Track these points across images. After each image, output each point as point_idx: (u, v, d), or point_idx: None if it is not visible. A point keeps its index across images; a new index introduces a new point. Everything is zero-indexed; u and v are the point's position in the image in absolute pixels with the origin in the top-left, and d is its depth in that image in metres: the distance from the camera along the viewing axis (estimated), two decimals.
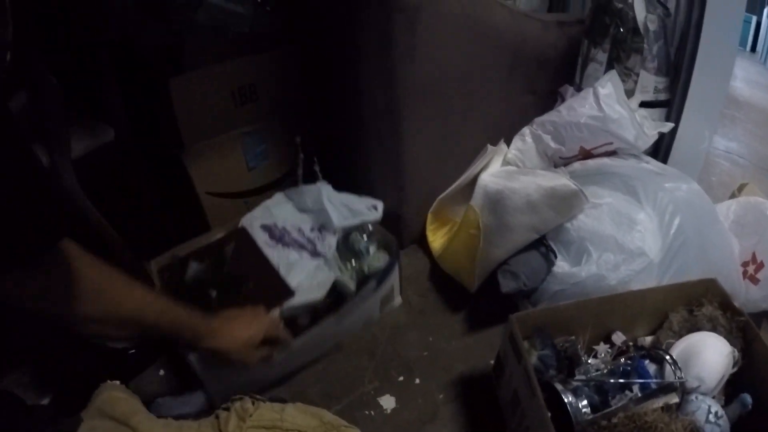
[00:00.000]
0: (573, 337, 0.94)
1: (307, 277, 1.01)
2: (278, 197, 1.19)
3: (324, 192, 1.11)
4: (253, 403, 0.74)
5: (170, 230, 1.29)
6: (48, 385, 1.04)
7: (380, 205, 1.11)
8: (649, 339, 0.99)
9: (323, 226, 1.10)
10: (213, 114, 1.21)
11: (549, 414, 0.76)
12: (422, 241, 1.22)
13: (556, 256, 1.02)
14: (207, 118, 1.20)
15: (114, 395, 0.72)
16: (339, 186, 1.46)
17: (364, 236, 1.12)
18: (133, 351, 1.07)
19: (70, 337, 1.11)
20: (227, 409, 0.73)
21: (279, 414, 0.72)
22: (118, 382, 0.74)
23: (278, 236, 1.09)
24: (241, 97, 1.22)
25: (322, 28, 1.26)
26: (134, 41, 1.19)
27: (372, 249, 1.11)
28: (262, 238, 1.08)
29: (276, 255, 1.05)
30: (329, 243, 1.07)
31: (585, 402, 0.82)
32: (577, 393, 0.84)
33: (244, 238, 1.10)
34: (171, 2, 1.18)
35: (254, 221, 1.12)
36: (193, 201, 1.26)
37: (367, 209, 1.11)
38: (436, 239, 1.19)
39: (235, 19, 1.24)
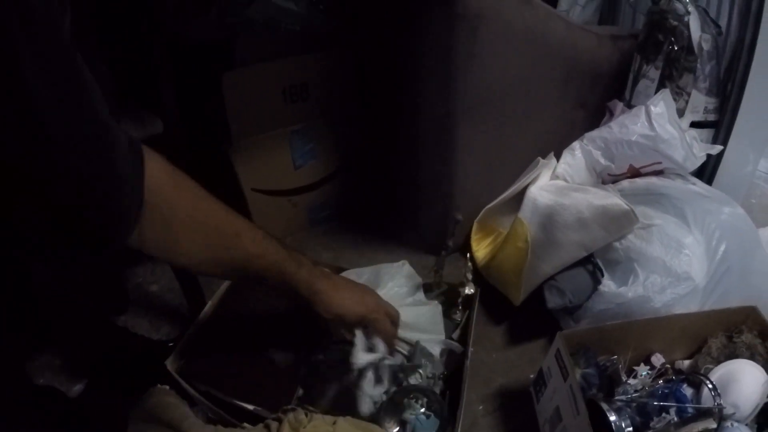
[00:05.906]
0: (615, 357, 0.95)
1: None
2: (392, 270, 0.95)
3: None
4: (306, 415, 0.75)
5: None
6: (81, 369, 1.05)
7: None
8: (687, 363, 0.99)
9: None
10: (263, 111, 1.22)
11: None
12: (465, 250, 1.22)
13: (603, 275, 1.03)
14: (257, 115, 1.21)
15: (165, 400, 0.74)
16: (381, 189, 1.43)
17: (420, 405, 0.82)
18: (172, 344, 1.08)
19: (103, 323, 1.12)
20: (278, 420, 0.74)
21: (331, 427, 0.74)
22: (167, 387, 0.76)
23: None
24: (291, 95, 1.23)
25: (378, 32, 1.26)
26: (186, 35, 1.19)
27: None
28: None
29: None
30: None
31: (629, 422, 0.83)
32: (620, 413, 0.85)
33: None
34: None
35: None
36: (238, 197, 1.28)
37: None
38: (480, 249, 1.20)
39: (287, 16, 1.24)
